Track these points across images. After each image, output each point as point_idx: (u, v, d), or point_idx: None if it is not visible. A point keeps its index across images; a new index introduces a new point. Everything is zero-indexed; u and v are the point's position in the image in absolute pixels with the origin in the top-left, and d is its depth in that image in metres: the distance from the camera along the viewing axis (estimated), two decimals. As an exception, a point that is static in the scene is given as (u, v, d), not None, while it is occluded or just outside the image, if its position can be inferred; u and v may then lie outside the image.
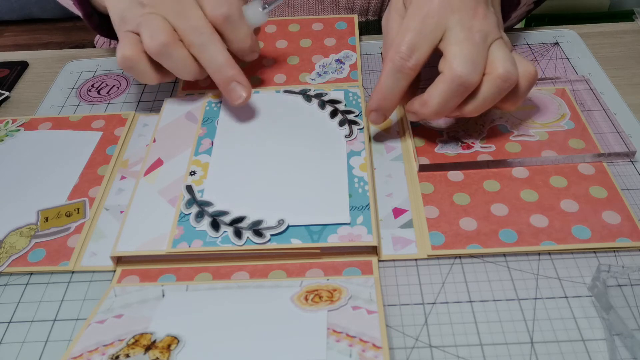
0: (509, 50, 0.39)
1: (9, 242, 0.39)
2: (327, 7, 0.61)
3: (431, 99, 0.39)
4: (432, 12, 0.38)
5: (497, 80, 0.38)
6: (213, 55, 0.42)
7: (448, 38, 0.38)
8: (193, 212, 0.39)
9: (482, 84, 0.38)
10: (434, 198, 0.40)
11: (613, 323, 0.32)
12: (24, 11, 2.06)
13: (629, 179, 0.41)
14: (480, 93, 0.38)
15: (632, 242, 0.36)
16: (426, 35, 0.38)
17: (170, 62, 0.42)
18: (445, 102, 0.38)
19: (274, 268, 0.37)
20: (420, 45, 0.38)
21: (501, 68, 0.37)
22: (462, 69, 0.37)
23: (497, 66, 0.38)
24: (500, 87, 0.38)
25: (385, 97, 0.40)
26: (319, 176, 0.41)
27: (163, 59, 0.42)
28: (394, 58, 0.38)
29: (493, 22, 0.39)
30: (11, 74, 0.57)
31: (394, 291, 0.35)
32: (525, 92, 0.40)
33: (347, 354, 0.30)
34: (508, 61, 0.38)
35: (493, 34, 0.38)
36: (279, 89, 0.49)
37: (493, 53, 0.38)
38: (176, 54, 0.42)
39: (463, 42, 0.37)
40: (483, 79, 0.38)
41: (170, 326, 0.33)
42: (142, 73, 0.43)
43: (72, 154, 0.46)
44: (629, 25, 0.58)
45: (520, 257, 0.37)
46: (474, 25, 0.38)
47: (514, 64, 0.38)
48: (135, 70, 0.43)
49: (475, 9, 0.39)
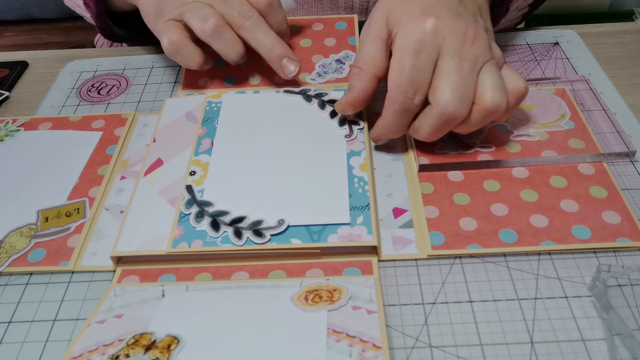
0: (499, 69, 0.39)
1: (9, 242, 0.39)
2: (326, 7, 0.61)
3: (422, 128, 0.40)
4: (424, 42, 0.38)
5: (484, 112, 0.38)
6: (263, 36, 0.46)
7: (438, 69, 0.38)
8: (193, 212, 0.39)
9: (471, 113, 0.38)
10: (434, 198, 0.40)
11: (613, 323, 0.32)
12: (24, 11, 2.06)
13: (629, 179, 0.41)
14: (469, 121, 0.39)
15: (632, 242, 0.36)
16: (424, 69, 0.38)
17: (220, 43, 0.45)
18: (435, 132, 0.39)
19: (274, 268, 0.37)
20: (421, 81, 0.38)
21: (489, 100, 0.38)
22: (450, 106, 0.37)
23: (485, 97, 0.38)
24: (488, 117, 0.39)
25: (392, 132, 0.41)
26: (319, 176, 0.41)
27: (214, 40, 0.45)
28: (399, 99, 0.38)
29: (484, 43, 0.39)
30: (11, 74, 0.57)
31: (394, 291, 0.35)
32: (513, 108, 0.40)
33: (347, 354, 0.30)
34: (496, 90, 0.38)
35: (483, 57, 0.38)
36: (279, 89, 0.49)
37: (482, 81, 0.38)
38: (227, 36, 0.45)
39: (452, 74, 0.37)
40: (472, 108, 0.38)
41: (170, 326, 0.33)
42: (188, 56, 0.46)
43: (72, 154, 0.46)
44: (629, 25, 0.58)
45: (520, 257, 0.37)
46: (463, 53, 0.38)
47: (502, 90, 0.38)
48: (181, 54, 0.46)
49: (466, 31, 0.38)
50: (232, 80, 0.51)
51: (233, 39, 0.46)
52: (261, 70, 0.51)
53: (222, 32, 0.45)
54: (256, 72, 0.51)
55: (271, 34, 0.46)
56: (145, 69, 0.56)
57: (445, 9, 0.39)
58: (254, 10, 0.46)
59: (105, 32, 0.57)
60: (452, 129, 0.40)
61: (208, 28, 0.44)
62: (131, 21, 0.58)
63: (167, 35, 0.45)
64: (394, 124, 0.40)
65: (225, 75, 0.51)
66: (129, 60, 0.57)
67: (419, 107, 0.39)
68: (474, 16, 0.40)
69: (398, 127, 0.40)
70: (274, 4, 0.47)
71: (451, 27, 0.38)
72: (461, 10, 0.39)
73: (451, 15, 0.39)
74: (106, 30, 0.56)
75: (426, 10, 0.38)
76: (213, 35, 0.45)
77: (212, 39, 0.45)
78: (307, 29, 0.55)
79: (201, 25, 0.44)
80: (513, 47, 0.55)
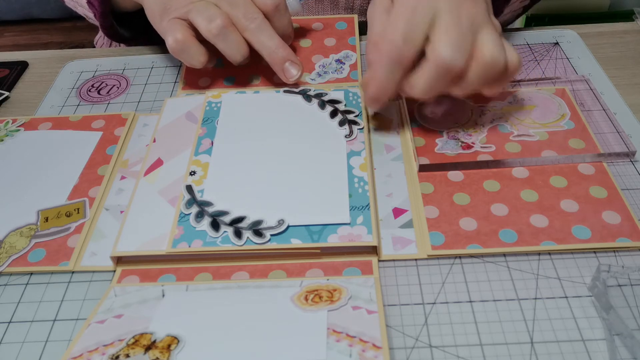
0: (498, 35, 0.39)
1: (9, 242, 0.39)
2: (326, 7, 0.61)
3: (417, 82, 0.39)
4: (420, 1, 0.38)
5: (484, 66, 0.38)
6: (267, 39, 0.46)
7: (435, 23, 0.38)
8: (193, 212, 0.39)
9: (469, 68, 0.38)
10: (434, 198, 0.40)
11: (613, 323, 0.32)
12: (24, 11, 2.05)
13: (629, 179, 0.41)
14: (467, 77, 0.39)
15: (632, 242, 0.36)
16: (418, 24, 0.38)
17: (225, 44, 0.46)
18: (431, 85, 0.39)
19: (274, 268, 0.37)
20: (414, 34, 0.38)
21: (488, 54, 0.38)
22: (447, 55, 0.37)
23: (484, 52, 0.38)
24: (486, 72, 0.38)
25: (383, 88, 0.40)
26: (319, 176, 0.41)
27: (219, 40, 0.45)
28: (389, 50, 0.38)
29: (482, 8, 0.39)
30: (11, 74, 0.57)
31: (394, 291, 0.35)
32: (508, 79, 0.40)
33: (347, 354, 0.30)
34: (496, 46, 0.38)
35: (482, 19, 0.39)
36: (279, 89, 0.49)
37: (481, 38, 0.38)
38: (232, 37, 0.45)
39: (450, 27, 0.38)
40: (470, 63, 0.38)
41: (170, 326, 0.33)
42: (193, 55, 0.46)
43: (72, 154, 0.46)
44: (629, 25, 0.58)
45: (520, 257, 0.37)
46: (462, 11, 0.38)
47: (502, 49, 0.38)
48: (186, 53, 0.46)
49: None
50: (232, 80, 0.51)
51: (238, 40, 0.46)
52: (261, 70, 0.51)
53: (228, 33, 0.45)
54: (256, 72, 0.51)
55: (275, 37, 0.46)
56: (145, 69, 0.56)
57: None
58: (259, 12, 0.46)
59: (109, 32, 0.57)
60: (449, 85, 0.39)
61: (214, 28, 0.44)
62: (135, 20, 0.58)
63: (172, 34, 0.45)
64: (384, 77, 0.40)
65: (225, 75, 0.51)
66: (129, 60, 0.57)
67: (411, 62, 0.39)
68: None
69: (390, 82, 0.40)
70: (281, 7, 0.47)
71: None
72: None
73: None
74: (110, 29, 0.56)
75: None
76: (219, 35, 0.45)
77: (218, 40, 0.45)
78: (307, 29, 0.55)
79: (207, 26, 0.44)
80: (502, 34, 0.55)
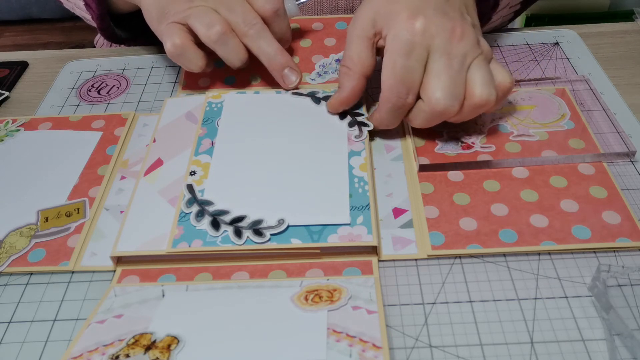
0: (488, 64, 0.40)
1: (9, 242, 0.39)
2: (325, 10, 0.61)
3: (416, 119, 0.42)
4: (413, 43, 0.39)
5: (474, 106, 0.40)
6: (266, 45, 0.46)
7: (428, 68, 0.39)
8: (193, 211, 0.39)
9: (462, 107, 0.40)
10: (434, 198, 0.40)
11: (613, 323, 0.32)
12: (24, 11, 2.06)
13: (629, 179, 0.41)
14: (461, 113, 0.40)
15: (632, 242, 0.36)
16: (415, 69, 0.39)
17: (225, 50, 0.45)
18: (428, 123, 0.41)
19: (274, 268, 0.37)
20: (412, 80, 0.40)
21: (478, 95, 0.39)
22: (440, 103, 0.39)
23: (474, 93, 0.39)
24: (478, 110, 0.40)
25: (387, 125, 0.43)
26: (320, 176, 0.40)
27: (219, 46, 0.45)
28: (392, 99, 0.40)
29: (471, 39, 0.40)
30: (11, 74, 0.57)
31: (394, 291, 0.35)
32: (500, 101, 0.41)
33: (347, 354, 0.30)
34: (485, 85, 0.39)
35: (472, 54, 0.39)
36: (279, 90, 0.49)
37: (471, 77, 0.39)
38: (231, 43, 0.45)
39: (442, 72, 0.39)
40: (463, 103, 0.40)
41: (170, 326, 0.33)
42: (191, 59, 0.46)
43: (72, 154, 0.46)
44: (629, 25, 0.58)
45: (520, 257, 0.37)
46: (452, 51, 0.39)
47: (491, 85, 0.40)
48: (184, 57, 0.46)
49: (453, 30, 0.39)
50: (232, 81, 0.51)
51: (237, 46, 0.46)
52: (261, 70, 0.51)
53: (227, 39, 0.45)
54: (256, 73, 0.51)
55: (274, 43, 0.46)
56: (145, 69, 0.56)
57: (432, 8, 0.40)
58: (258, 18, 0.46)
59: (106, 34, 0.57)
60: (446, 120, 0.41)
61: (213, 35, 0.44)
62: (133, 21, 0.58)
63: (171, 38, 0.45)
64: (389, 119, 0.42)
65: (225, 75, 0.51)
66: (129, 60, 0.57)
67: (412, 105, 0.41)
68: (460, 13, 0.41)
69: (393, 122, 0.43)
70: (280, 12, 0.47)
71: (438, 25, 0.39)
72: (447, 9, 0.41)
73: (438, 14, 0.40)
74: (107, 31, 0.56)
75: (413, 11, 0.40)
76: (218, 42, 0.45)
77: (217, 46, 0.45)
78: (307, 29, 0.55)
79: (207, 32, 0.44)
80: (513, 47, 0.55)
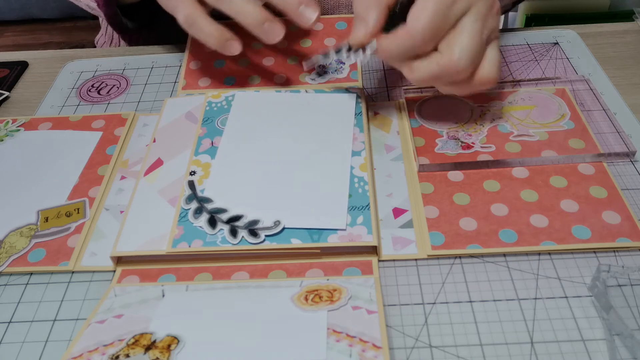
0: (499, 49, 0.41)
1: (9, 242, 0.39)
2: (328, 8, 0.61)
3: (419, 70, 0.39)
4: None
5: (476, 81, 0.40)
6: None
7: (461, 25, 0.38)
8: (192, 208, 0.39)
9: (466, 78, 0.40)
10: (434, 198, 0.40)
11: (613, 323, 0.32)
12: (24, 11, 2.06)
13: (629, 179, 0.41)
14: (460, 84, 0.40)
15: (632, 242, 0.36)
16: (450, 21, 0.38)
17: (230, 6, 0.43)
18: (430, 78, 0.40)
19: (274, 268, 0.37)
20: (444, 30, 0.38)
21: (486, 72, 0.40)
22: (461, 61, 0.38)
23: (485, 69, 0.39)
24: (476, 87, 0.40)
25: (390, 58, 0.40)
26: (320, 179, 0.40)
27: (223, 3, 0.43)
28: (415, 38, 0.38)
29: (497, 21, 0.41)
30: (11, 74, 0.57)
31: (394, 291, 0.35)
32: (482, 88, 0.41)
33: (347, 354, 0.30)
34: (494, 66, 0.40)
35: (495, 32, 0.40)
36: (279, 89, 0.49)
37: (488, 55, 0.40)
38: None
39: (474, 35, 0.38)
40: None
41: (170, 326, 0.33)
42: (203, 28, 0.44)
43: (72, 154, 0.46)
44: (629, 25, 0.58)
45: (520, 257, 0.37)
46: (487, 21, 0.39)
47: (499, 67, 0.40)
48: (196, 26, 0.44)
49: (493, 3, 0.40)
50: (232, 81, 0.51)
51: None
52: (261, 70, 0.51)
53: None
54: (256, 73, 0.51)
55: None
56: (145, 69, 0.56)
57: None
58: None
59: (112, 21, 0.56)
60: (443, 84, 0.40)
61: None
62: (139, 12, 0.58)
63: (182, 9, 0.44)
64: (395, 54, 0.40)
65: (225, 75, 0.51)
66: (129, 60, 0.57)
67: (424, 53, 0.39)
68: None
69: (397, 58, 0.40)
70: None
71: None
72: None
73: None
74: (114, 18, 0.56)
75: None
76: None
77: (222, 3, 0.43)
78: (307, 29, 0.55)
79: None
80: (513, 47, 0.55)
